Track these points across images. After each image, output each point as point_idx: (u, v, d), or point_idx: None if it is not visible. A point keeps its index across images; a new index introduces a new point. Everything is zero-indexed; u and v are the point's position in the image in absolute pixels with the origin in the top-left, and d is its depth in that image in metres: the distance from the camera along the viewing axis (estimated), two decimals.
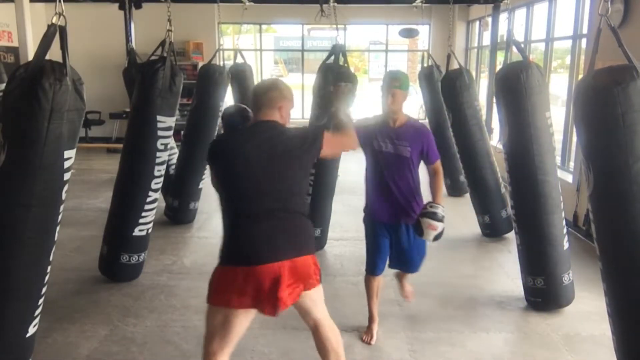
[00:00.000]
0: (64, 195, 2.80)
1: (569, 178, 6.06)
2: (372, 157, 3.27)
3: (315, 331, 2.57)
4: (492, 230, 5.57)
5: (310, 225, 2.53)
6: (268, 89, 2.51)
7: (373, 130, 3.26)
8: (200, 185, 5.99)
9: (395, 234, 3.32)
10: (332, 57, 4.71)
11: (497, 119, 4.30)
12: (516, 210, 3.91)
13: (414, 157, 3.27)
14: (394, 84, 3.22)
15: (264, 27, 12.51)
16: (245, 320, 2.45)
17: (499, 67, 5.90)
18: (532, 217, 3.78)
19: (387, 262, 3.41)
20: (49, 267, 2.86)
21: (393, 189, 3.25)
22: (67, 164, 2.75)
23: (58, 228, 2.84)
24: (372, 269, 3.39)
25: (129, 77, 5.69)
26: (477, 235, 5.68)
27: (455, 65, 6.12)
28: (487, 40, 8.93)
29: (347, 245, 5.21)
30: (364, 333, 3.53)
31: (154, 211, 4.32)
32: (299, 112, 11.63)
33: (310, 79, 5.55)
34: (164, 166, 4.27)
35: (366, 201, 3.39)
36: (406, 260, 3.40)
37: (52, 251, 2.85)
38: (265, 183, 2.36)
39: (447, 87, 5.74)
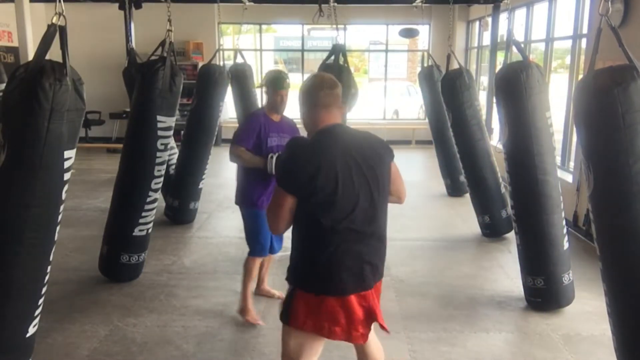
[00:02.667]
0: (64, 195, 2.80)
1: (569, 178, 6.06)
2: (262, 151, 3.54)
3: (366, 347, 2.44)
4: (492, 230, 5.57)
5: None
6: (334, 83, 2.23)
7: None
8: (200, 185, 5.99)
9: None
10: (332, 57, 4.72)
11: (497, 119, 4.30)
12: (516, 210, 3.91)
13: None
14: (285, 84, 3.62)
15: (264, 27, 12.50)
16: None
17: (499, 67, 5.89)
18: (532, 217, 3.78)
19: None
20: (49, 267, 2.86)
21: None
22: (67, 164, 2.74)
23: (58, 228, 2.84)
24: (264, 251, 3.73)
25: (129, 77, 5.68)
26: (477, 235, 5.68)
27: (455, 65, 6.12)
28: (487, 40, 8.93)
29: None
30: (251, 315, 3.72)
31: (154, 211, 4.32)
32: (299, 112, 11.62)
33: None
34: (164, 166, 4.27)
35: (245, 191, 3.64)
36: (280, 238, 3.81)
37: (52, 251, 2.84)
38: (356, 203, 2.13)
39: (447, 87, 5.74)
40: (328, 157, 2.11)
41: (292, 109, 3.05)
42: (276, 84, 3.61)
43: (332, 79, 2.27)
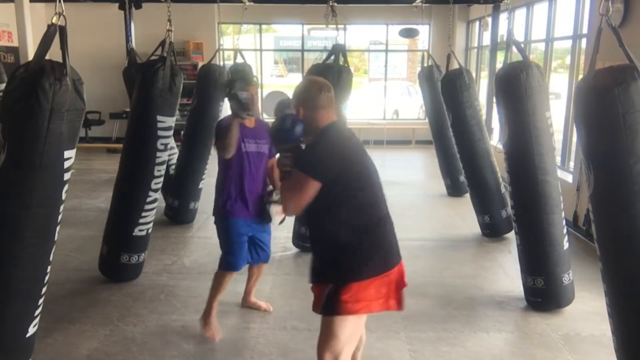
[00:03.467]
0: (64, 195, 2.80)
1: (569, 178, 6.06)
2: (238, 156, 3.37)
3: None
4: (492, 230, 5.57)
5: None
6: (330, 86, 2.45)
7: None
8: (200, 185, 5.99)
9: (258, 229, 3.52)
10: (332, 57, 4.72)
11: (497, 119, 4.30)
12: (516, 210, 3.91)
13: (269, 152, 3.52)
14: (254, 80, 3.46)
15: (264, 27, 12.50)
16: None
17: (499, 67, 5.90)
18: (532, 217, 3.78)
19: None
20: (49, 267, 2.86)
21: (254, 185, 3.44)
22: (67, 164, 2.74)
23: (58, 228, 2.84)
24: (235, 265, 3.49)
25: (129, 77, 5.69)
26: (477, 235, 5.68)
27: (455, 65, 6.12)
28: (487, 40, 8.93)
29: None
30: (210, 329, 3.52)
31: (154, 211, 4.32)
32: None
33: None
34: (164, 166, 4.27)
35: (222, 202, 3.42)
36: (265, 247, 3.61)
37: (52, 251, 2.84)
38: (379, 185, 2.41)
39: (447, 87, 5.74)
40: (352, 147, 2.37)
41: None
42: (243, 80, 3.38)
43: (328, 83, 2.48)
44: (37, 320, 2.88)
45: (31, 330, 2.85)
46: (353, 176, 2.31)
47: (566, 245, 3.83)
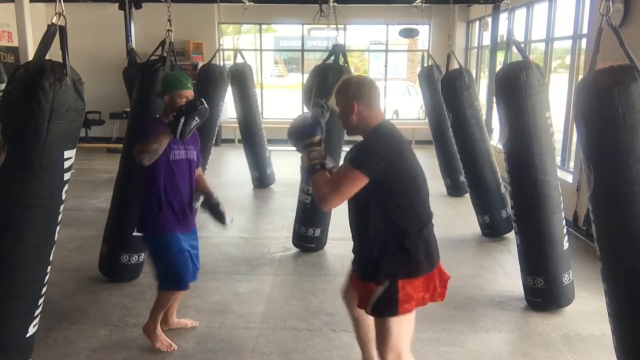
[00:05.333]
0: (64, 195, 2.80)
1: (569, 178, 6.06)
2: (165, 166, 3.09)
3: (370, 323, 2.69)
4: (492, 230, 5.57)
5: None
6: (376, 84, 2.51)
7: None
8: None
9: (190, 239, 3.33)
10: (332, 57, 4.73)
11: (497, 119, 4.30)
12: (516, 210, 3.91)
13: (197, 159, 3.32)
14: (190, 83, 3.14)
15: (264, 27, 12.50)
16: None
17: (499, 67, 5.90)
18: (532, 217, 3.78)
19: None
20: (49, 267, 2.86)
21: (185, 195, 3.24)
22: (67, 164, 2.74)
23: (58, 228, 2.83)
24: (184, 284, 3.22)
25: (129, 77, 5.68)
26: (477, 235, 5.68)
27: (455, 65, 6.12)
28: (487, 40, 8.93)
29: (347, 245, 5.13)
30: (161, 340, 3.32)
31: None
32: (299, 112, 11.64)
33: None
34: None
35: (151, 215, 3.13)
36: (197, 260, 3.35)
37: (52, 251, 2.84)
38: (427, 185, 2.47)
39: (447, 87, 5.74)
40: (404, 147, 2.41)
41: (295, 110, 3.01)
42: (179, 83, 3.05)
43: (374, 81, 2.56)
44: (37, 320, 2.88)
45: (31, 330, 2.85)
46: (406, 176, 2.35)
47: (566, 245, 3.83)
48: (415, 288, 2.36)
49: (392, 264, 2.36)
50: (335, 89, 2.50)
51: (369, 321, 2.63)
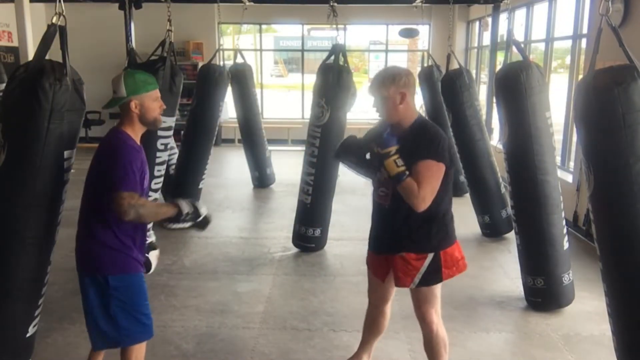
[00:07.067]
0: (64, 195, 2.81)
1: (569, 178, 6.06)
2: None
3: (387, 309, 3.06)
4: (492, 230, 5.57)
5: None
6: None
7: None
8: (200, 185, 5.99)
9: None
10: (332, 57, 4.73)
11: (497, 119, 4.29)
12: (516, 210, 3.91)
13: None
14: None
15: (264, 27, 12.50)
16: None
17: (499, 67, 5.89)
18: (532, 217, 3.78)
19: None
20: (49, 267, 2.86)
21: (146, 228, 2.70)
22: (67, 164, 2.75)
23: (58, 228, 2.84)
24: (151, 328, 2.57)
25: None
26: (477, 235, 5.68)
27: (455, 65, 6.12)
28: (487, 40, 8.93)
29: (347, 245, 5.21)
30: None
31: None
32: (299, 112, 11.64)
33: (311, 79, 5.56)
34: (164, 166, 4.26)
35: (126, 254, 2.54)
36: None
37: (52, 251, 2.84)
38: None
39: (447, 87, 5.74)
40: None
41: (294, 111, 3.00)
42: (150, 83, 2.48)
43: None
44: (37, 320, 2.88)
45: (31, 330, 2.85)
46: (451, 161, 2.58)
47: (566, 245, 3.83)
48: (452, 254, 2.66)
49: (436, 238, 2.60)
50: (381, 78, 2.52)
51: (388, 314, 3.03)
